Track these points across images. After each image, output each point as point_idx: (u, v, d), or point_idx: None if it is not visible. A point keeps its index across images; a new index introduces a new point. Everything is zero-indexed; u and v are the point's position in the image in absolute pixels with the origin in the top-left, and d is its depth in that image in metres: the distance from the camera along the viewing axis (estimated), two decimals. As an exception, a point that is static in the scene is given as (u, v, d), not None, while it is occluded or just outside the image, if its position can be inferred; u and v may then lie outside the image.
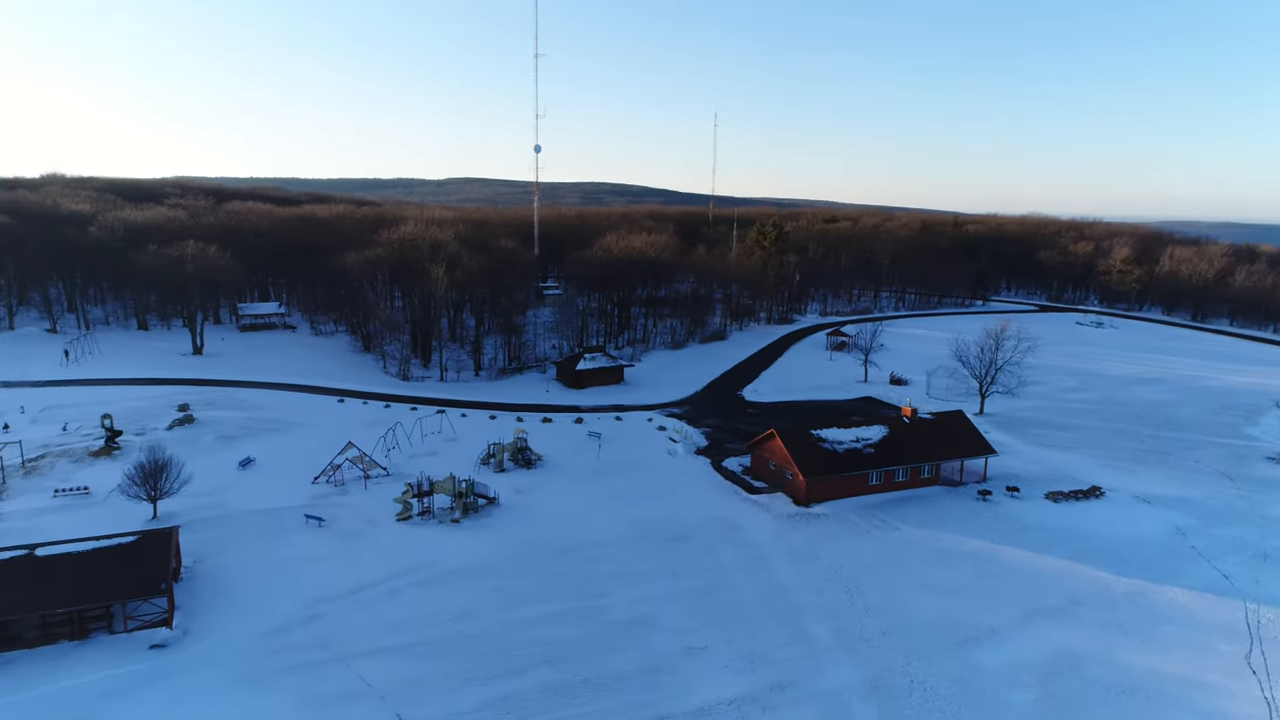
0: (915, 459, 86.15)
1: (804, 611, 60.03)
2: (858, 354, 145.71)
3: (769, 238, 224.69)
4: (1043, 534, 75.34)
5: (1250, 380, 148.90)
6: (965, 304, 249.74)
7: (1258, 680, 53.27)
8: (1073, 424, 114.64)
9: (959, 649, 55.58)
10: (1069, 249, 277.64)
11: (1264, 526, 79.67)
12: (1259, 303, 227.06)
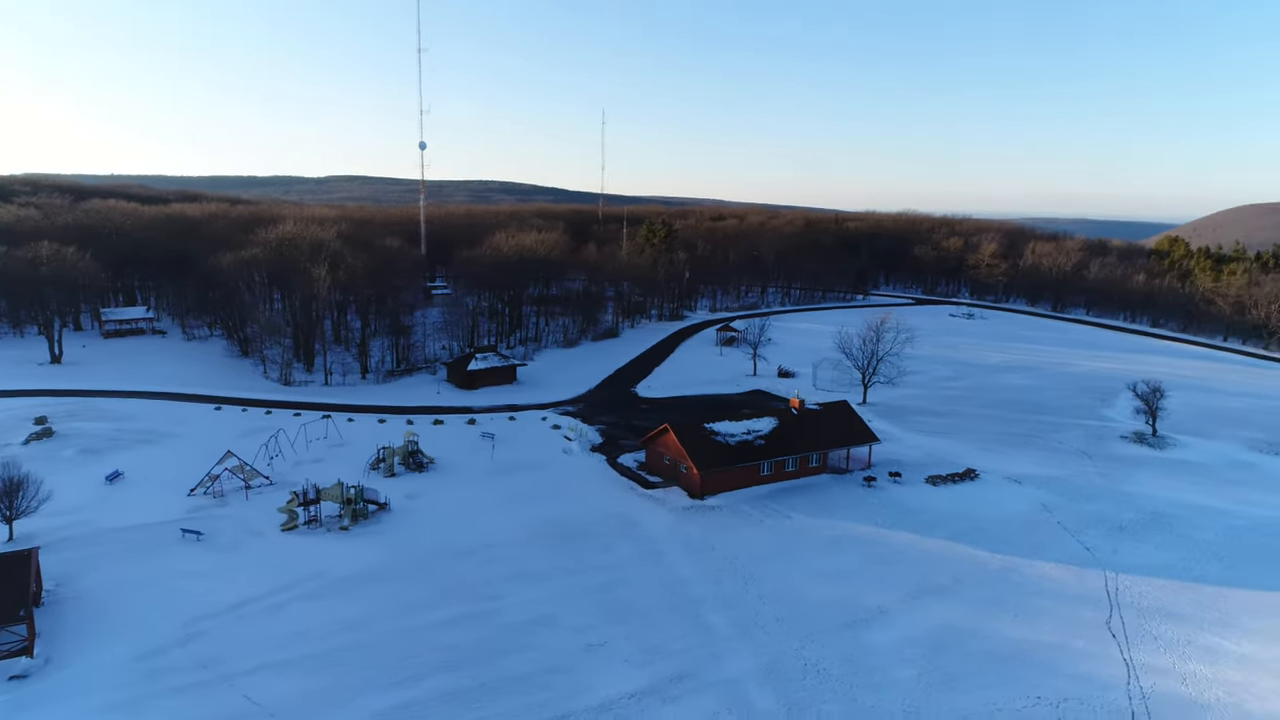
0: (804, 449, 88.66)
1: (701, 602, 60.92)
2: (747, 348, 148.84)
3: (659, 236, 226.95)
4: (924, 516, 78.84)
5: (1105, 365, 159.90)
6: (847, 298, 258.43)
7: (1117, 643, 57.27)
8: (949, 411, 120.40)
9: (849, 630, 57.55)
10: (942, 244, 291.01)
11: (1120, 501, 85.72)
12: (1111, 293, 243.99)
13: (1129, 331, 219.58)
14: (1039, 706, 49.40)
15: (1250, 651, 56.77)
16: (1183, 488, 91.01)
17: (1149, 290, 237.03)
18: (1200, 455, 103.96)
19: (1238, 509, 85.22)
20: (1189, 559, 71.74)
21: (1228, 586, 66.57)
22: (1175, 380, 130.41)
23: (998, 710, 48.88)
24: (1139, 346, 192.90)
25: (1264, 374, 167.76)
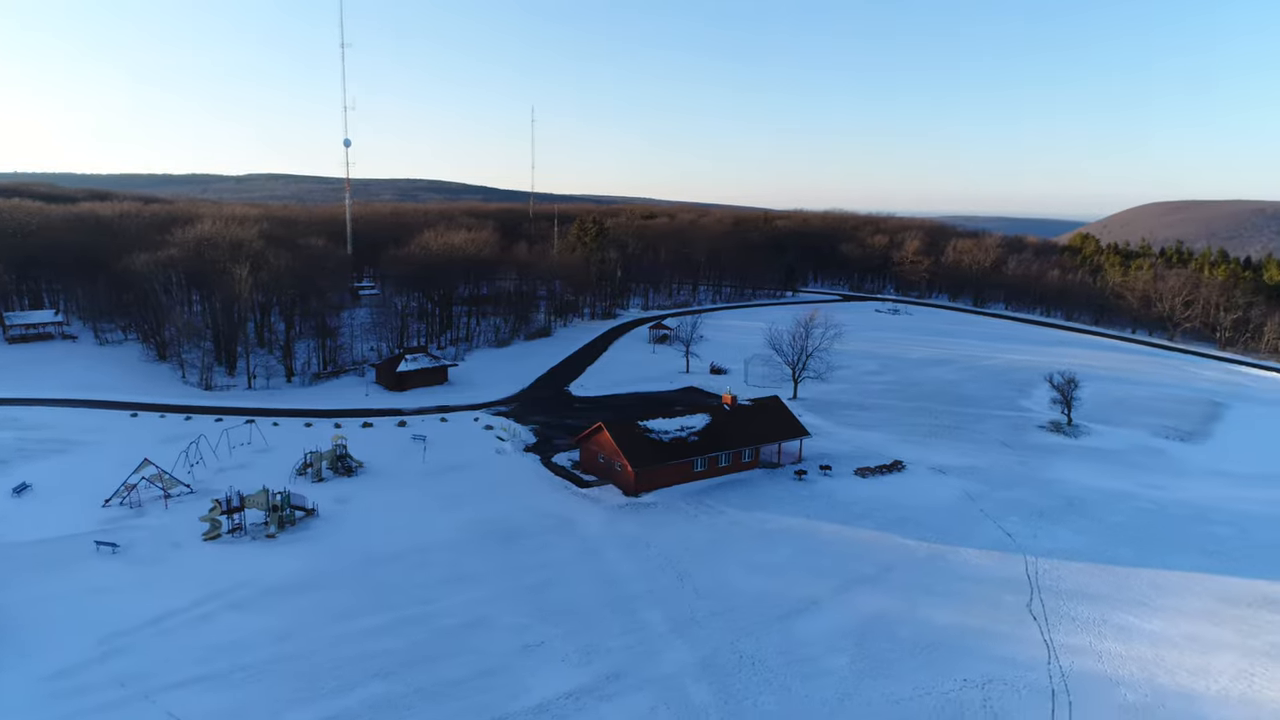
0: (737, 444, 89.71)
1: (637, 599, 61.14)
2: (679, 346, 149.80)
3: (590, 234, 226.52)
4: (854, 508, 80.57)
5: (1023, 358, 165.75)
6: (777, 295, 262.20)
7: (1038, 625, 59.50)
8: (876, 404, 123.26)
9: (783, 622, 58.48)
10: (867, 242, 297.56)
11: (1039, 488, 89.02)
12: (1028, 288, 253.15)
13: (1045, 325, 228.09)
14: (965, 689, 51.01)
15: (1159, 628, 59.62)
16: (1096, 474, 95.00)
17: (1063, 285, 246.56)
18: (1112, 442, 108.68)
19: (1147, 493, 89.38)
20: (1103, 542, 74.93)
21: (1138, 567, 69.77)
22: (1088, 371, 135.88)
23: (926, 694, 50.29)
24: (1054, 339, 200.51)
25: (1168, 364, 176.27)
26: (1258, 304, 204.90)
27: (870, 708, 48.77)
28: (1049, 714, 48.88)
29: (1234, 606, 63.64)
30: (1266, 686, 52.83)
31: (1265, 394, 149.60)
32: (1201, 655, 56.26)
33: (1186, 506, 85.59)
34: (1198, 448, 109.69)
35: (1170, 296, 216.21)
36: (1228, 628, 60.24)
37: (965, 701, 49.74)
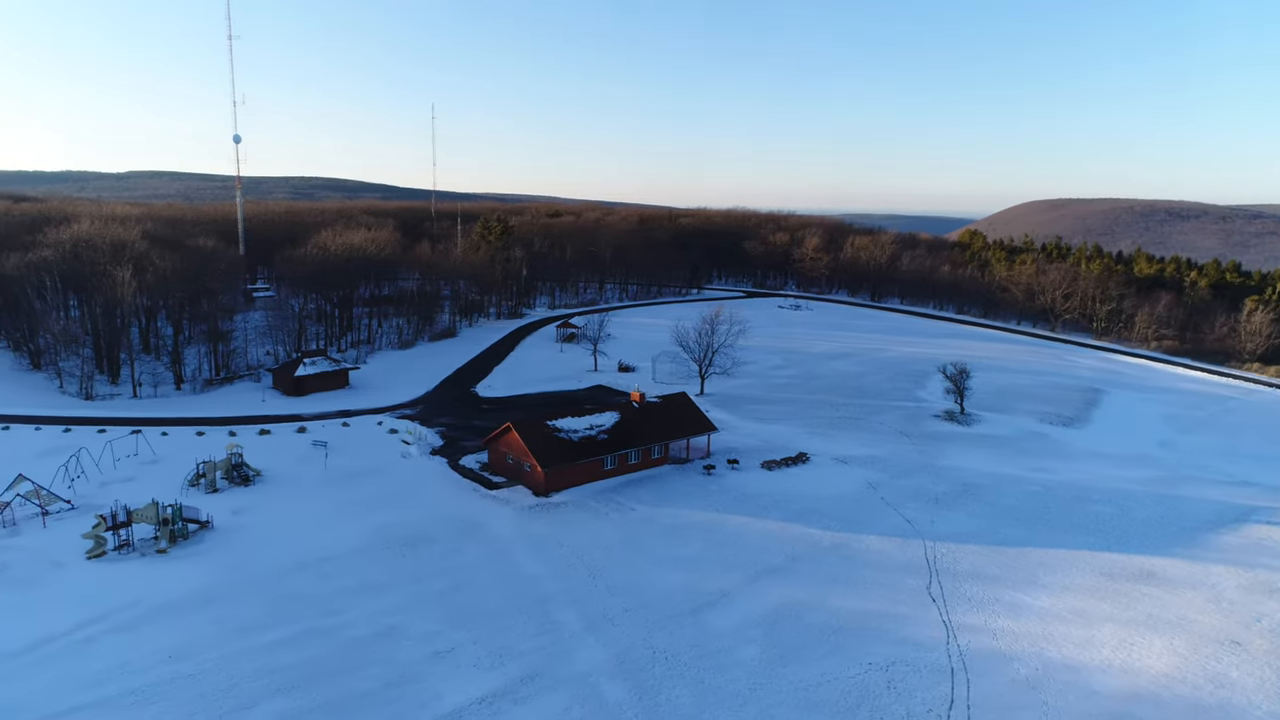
0: (646, 441, 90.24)
1: (550, 600, 60.81)
2: (587, 344, 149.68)
3: (494, 232, 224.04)
4: (761, 500, 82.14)
5: (918, 350, 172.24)
6: (683, 293, 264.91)
7: (937, 607, 61.93)
8: (780, 398, 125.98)
9: (695, 615, 59.14)
10: (769, 239, 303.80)
11: (935, 475, 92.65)
12: (922, 283, 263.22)
13: (938, 318, 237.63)
14: (870, 672, 52.66)
15: (1048, 604, 62.89)
16: (988, 459, 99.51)
17: (954, 280, 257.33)
18: (1001, 429, 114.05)
19: (1034, 476, 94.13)
20: (995, 524, 78.54)
21: (1028, 547, 73.43)
22: (978, 362, 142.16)
23: (833, 679, 51.70)
24: (947, 332, 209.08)
25: (1050, 353, 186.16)
26: (1129, 296, 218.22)
27: (780, 695, 49.84)
28: (949, 691, 50.93)
29: (1114, 581, 67.68)
30: (1144, 655, 56.38)
31: (1138, 380, 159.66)
32: (1086, 628, 59.62)
33: (1070, 488, 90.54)
34: (1079, 432, 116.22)
35: (1051, 289, 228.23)
36: (1109, 601, 64.01)
37: (870, 684, 51.36)
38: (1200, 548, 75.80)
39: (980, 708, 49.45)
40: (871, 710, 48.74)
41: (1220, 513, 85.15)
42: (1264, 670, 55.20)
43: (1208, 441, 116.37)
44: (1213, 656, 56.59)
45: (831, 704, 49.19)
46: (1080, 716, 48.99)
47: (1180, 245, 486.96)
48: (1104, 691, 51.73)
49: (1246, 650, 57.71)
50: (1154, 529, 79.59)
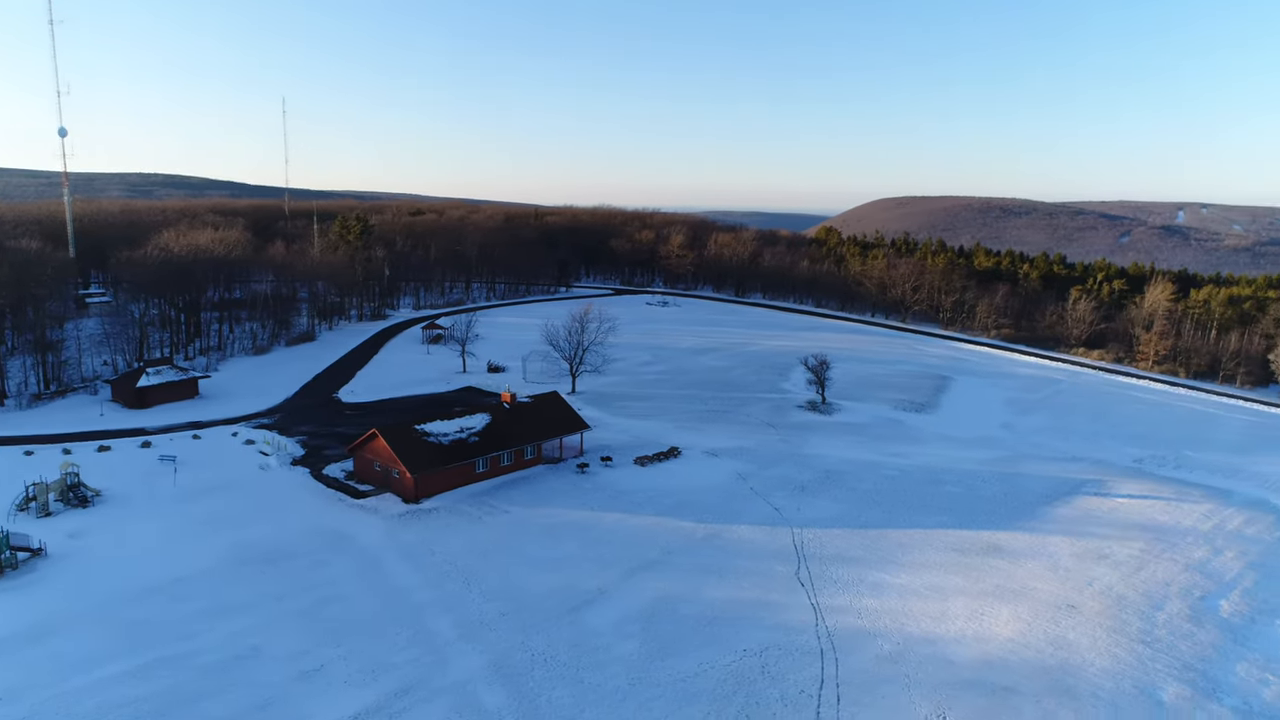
0: (518, 442, 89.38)
1: (423, 609, 59.29)
2: (455, 345, 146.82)
3: (353, 231, 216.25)
4: (635, 496, 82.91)
5: (781, 343, 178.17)
6: (551, 291, 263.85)
7: (805, 591, 64.29)
8: (651, 394, 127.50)
9: (573, 614, 59.06)
10: (635, 237, 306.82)
11: (800, 463, 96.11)
12: (783, 278, 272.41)
13: (799, 312, 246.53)
14: (745, 658, 54.11)
15: (906, 582, 66.42)
16: (848, 446, 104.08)
17: (812, 275, 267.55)
18: (859, 417, 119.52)
19: (891, 461, 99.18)
20: (856, 508, 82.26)
21: (887, 529, 77.31)
22: (837, 353, 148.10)
23: (710, 668, 52.81)
24: (808, 325, 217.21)
25: (902, 343, 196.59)
26: (971, 288, 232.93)
27: (659, 688, 50.47)
28: (819, 671, 52.99)
29: (965, 555, 72.21)
30: (993, 623, 60.45)
31: (980, 367, 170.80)
32: (941, 602, 63.33)
33: (924, 471, 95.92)
34: (930, 417, 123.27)
35: (901, 283, 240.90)
36: (960, 575, 68.24)
37: (745, 670, 52.76)
38: (1039, 520, 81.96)
39: (848, 685, 51.69)
40: (747, 696, 50.09)
41: (1055, 487, 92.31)
42: (1096, 630, 60.25)
43: (1042, 422, 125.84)
44: (1052, 620, 61.29)
45: (709, 693, 50.22)
46: (938, 686, 52.00)
47: (1014, 239, 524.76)
48: (959, 661, 55.11)
49: (1081, 612, 62.80)
50: (998, 505, 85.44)
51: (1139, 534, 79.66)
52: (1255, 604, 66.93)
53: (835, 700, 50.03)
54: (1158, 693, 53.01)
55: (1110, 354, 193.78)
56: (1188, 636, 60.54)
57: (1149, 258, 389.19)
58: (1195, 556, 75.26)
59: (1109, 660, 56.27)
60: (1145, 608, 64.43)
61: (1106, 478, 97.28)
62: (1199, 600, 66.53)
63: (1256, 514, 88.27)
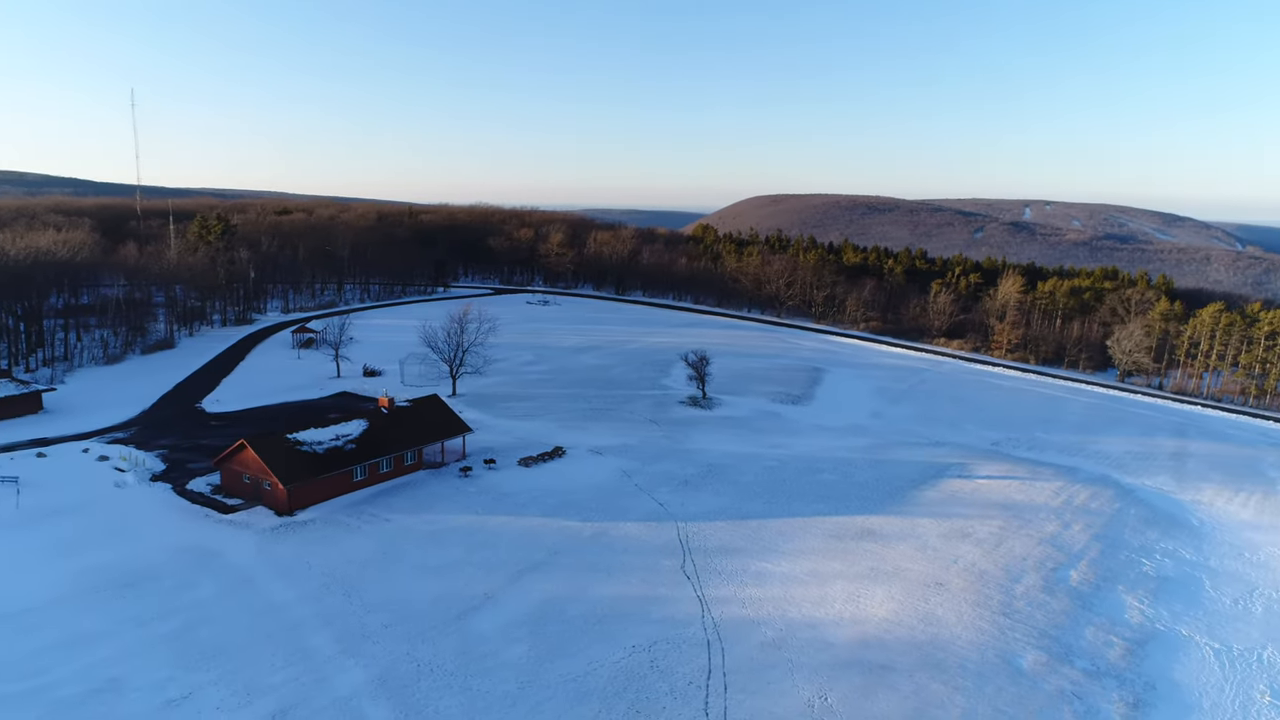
0: (398, 447, 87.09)
1: (301, 625, 56.98)
2: (328, 350, 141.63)
3: (214, 231, 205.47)
4: (520, 497, 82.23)
5: (662, 340, 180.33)
6: (428, 291, 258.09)
7: (691, 584, 65.40)
8: (534, 394, 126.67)
9: (460, 621, 58.08)
10: (514, 235, 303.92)
11: (683, 458, 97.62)
12: (662, 275, 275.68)
13: (678, 308, 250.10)
14: (634, 654, 54.59)
15: (788, 569, 68.56)
16: (729, 440, 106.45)
17: (691, 272, 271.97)
18: (739, 411, 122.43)
19: (770, 452, 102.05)
20: (738, 500, 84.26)
21: (768, 518, 79.54)
22: (716, 348, 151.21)
23: (600, 666, 53.01)
24: (687, 321, 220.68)
25: (777, 337, 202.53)
26: (840, 283, 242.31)
27: (549, 690, 50.29)
28: (706, 662, 54.05)
29: (842, 540, 75.15)
30: (869, 605, 63.17)
31: (851, 358, 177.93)
32: (820, 587, 65.70)
33: (801, 460, 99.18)
34: (805, 409, 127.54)
35: (776, 279, 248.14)
36: (838, 560, 70.98)
37: (635, 666, 53.25)
38: (908, 504, 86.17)
39: (735, 673, 52.95)
40: (638, 691, 50.57)
41: (922, 472, 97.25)
42: (961, 605, 63.90)
43: (909, 410, 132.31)
44: (922, 598, 64.59)
45: (599, 691, 50.42)
46: (819, 668, 53.97)
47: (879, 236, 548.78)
48: (838, 642, 57.35)
49: (948, 589, 66.45)
50: (871, 491, 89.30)
51: (998, 512, 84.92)
52: (1100, 572, 72.57)
53: (723, 689, 51.17)
54: (1018, 660, 56.73)
55: (969, 343, 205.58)
56: (1042, 606, 65.02)
57: (1000, 252, 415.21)
58: (1047, 531, 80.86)
59: (974, 633, 59.79)
60: (1005, 581, 68.77)
61: (968, 461, 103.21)
62: (1052, 572, 71.53)
63: (1099, 489, 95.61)
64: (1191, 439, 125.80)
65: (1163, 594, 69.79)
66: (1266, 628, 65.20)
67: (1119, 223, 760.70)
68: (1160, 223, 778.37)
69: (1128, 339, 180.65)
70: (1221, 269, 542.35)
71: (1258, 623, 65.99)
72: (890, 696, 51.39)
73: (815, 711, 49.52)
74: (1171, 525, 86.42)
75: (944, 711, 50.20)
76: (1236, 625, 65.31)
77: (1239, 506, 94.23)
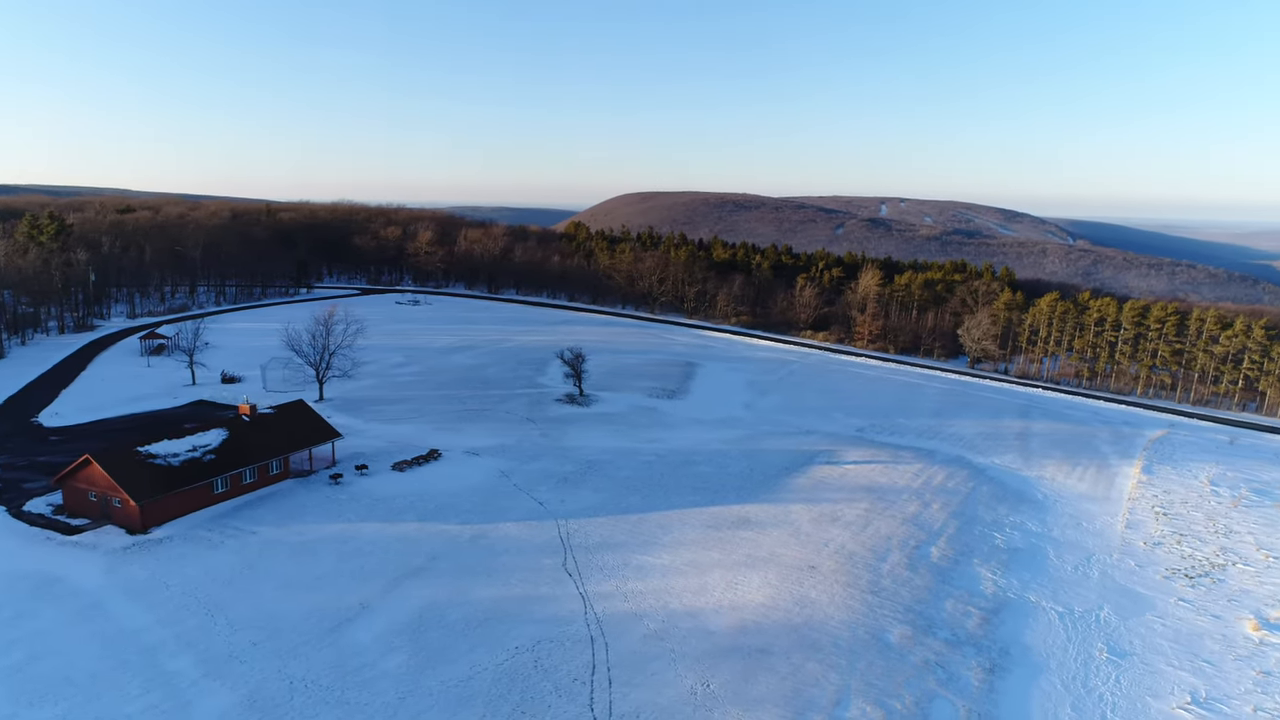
0: (262, 457, 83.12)
1: (159, 650, 53.57)
2: (181, 356, 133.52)
3: (47, 231, 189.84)
4: (395, 503, 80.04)
5: (537, 338, 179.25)
6: (291, 293, 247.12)
7: (573, 581, 65.47)
8: (406, 396, 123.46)
9: (334, 634, 56.05)
10: (380, 234, 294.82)
11: (562, 456, 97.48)
12: (535, 273, 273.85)
13: (552, 306, 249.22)
14: (517, 655, 54.20)
15: (668, 561, 69.64)
16: (606, 436, 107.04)
17: (564, 269, 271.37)
18: (616, 407, 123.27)
19: (647, 446, 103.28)
20: (617, 496, 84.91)
21: (647, 512, 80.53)
22: (592, 345, 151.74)
23: (483, 670, 52.36)
24: (562, 319, 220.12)
25: (651, 333, 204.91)
26: (711, 278, 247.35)
27: (431, 698, 49.29)
28: (590, 658, 54.27)
29: (719, 530, 76.93)
30: (746, 591, 65.00)
31: (723, 352, 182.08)
32: (699, 576, 67.09)
33: (678, 454, 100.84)
34: (681, 403, 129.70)
35: (648, 275, 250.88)
36: (716, 549, 72.64)
37: (519, 667, 52.89)
38: (781, 491, 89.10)
39: (619, 667, 53.41)
40: (522, 693, 50.25)
41: (793, 460, 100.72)
42: (833, 586, 66.67)
43: (779, 400, 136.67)
44: (797, 582, 66.99)
45: (483, 695, 49.82)
46: (701, 656, 55.15)
47: (746, 232, 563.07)
48: (718, 630, 58.76)
49: (820, 572, 69.18)
50: (745, 481, 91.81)
51: (864, 496, 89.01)
52: (958, 548, 77.27)
53: (607, 684, 51.52)
54: (886, 635, 59.72)
55: (833, 335, 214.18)
56: (907, 583, 68.68)
57: (860, 247, 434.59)
58: (909, 511, 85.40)
59: (845, 612, 62.52)
60: (872, 561, 72.21)
61: (835, 448, 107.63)
62: (914, 549, 75.63)
63: (955, 469, 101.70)
64: (1034, 419, 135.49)
65: (1013, 565, 75.01)
66: (1103, 590, 71.17)
67: (966, 218, 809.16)
68: (1002, 218, 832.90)
69: (976, 328, 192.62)
70: (1056, 261, 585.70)
71: (1095, 586, 71.92)
72: (769, 679, 53.09)
73: (698, 699, 50.58)
74: (1019, 500, 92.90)
75: (819, 689, 52.30)
76: (1077, 589, 70.97)
77: (1076, 480, 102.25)
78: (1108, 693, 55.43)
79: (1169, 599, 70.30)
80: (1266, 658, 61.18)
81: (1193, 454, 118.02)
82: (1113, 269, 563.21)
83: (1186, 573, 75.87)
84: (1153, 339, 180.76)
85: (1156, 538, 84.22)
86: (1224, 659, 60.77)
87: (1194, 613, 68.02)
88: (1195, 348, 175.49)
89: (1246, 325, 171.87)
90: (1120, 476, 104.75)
